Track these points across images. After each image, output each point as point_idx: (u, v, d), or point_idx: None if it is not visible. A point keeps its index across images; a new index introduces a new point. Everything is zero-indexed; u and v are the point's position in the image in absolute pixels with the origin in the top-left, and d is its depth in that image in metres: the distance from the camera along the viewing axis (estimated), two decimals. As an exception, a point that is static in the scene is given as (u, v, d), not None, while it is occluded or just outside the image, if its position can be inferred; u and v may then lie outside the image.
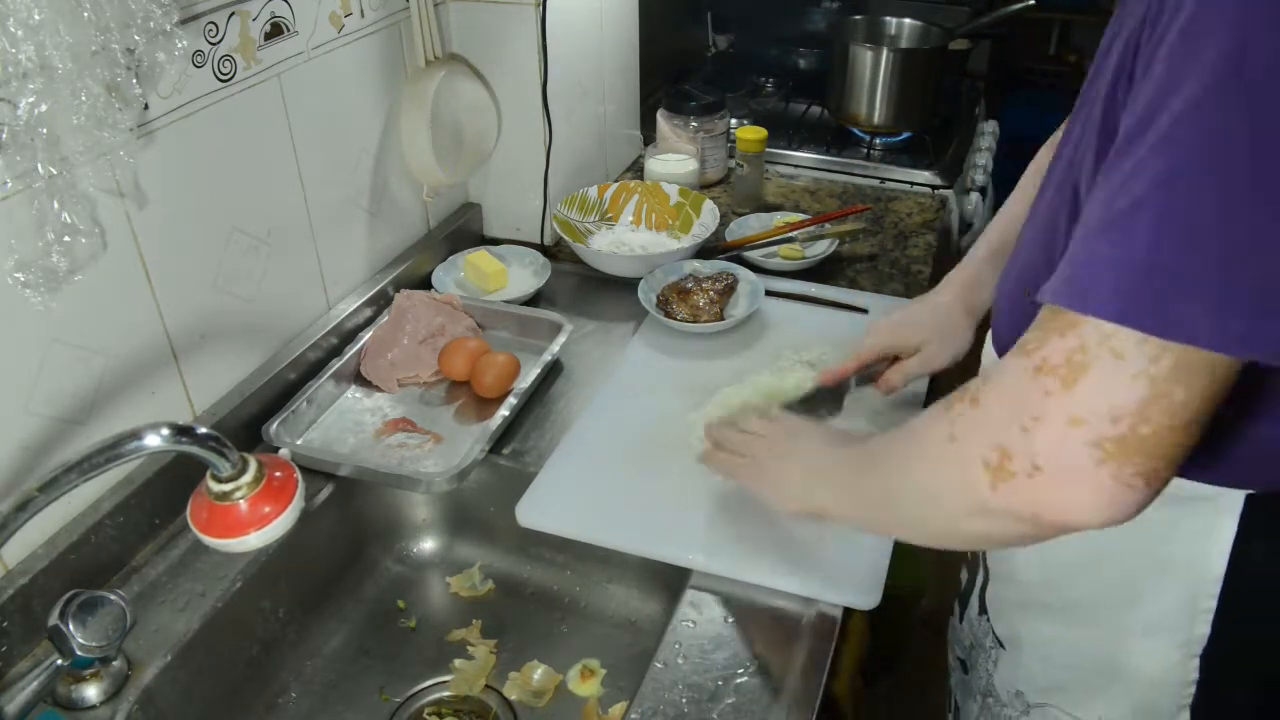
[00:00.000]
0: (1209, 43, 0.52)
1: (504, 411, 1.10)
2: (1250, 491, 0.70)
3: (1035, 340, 0.58)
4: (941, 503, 0.66)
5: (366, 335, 1.23)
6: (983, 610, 0.96)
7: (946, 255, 1.70)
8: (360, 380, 1.21)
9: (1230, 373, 0.54)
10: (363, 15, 1.19)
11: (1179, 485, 0.70)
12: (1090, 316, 0.54)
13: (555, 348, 1.21)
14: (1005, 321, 0.83)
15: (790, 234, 1.48)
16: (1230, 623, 0.75)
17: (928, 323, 1.09)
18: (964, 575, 1.01)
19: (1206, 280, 0.52)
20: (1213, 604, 0.74)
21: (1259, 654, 0.77)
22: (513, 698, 0.99)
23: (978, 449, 0.61)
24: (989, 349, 0.89)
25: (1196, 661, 0.77)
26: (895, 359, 1.11)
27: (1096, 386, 0.54)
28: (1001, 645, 0.93)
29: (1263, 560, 0.72)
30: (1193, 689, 0.78)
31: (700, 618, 0.90)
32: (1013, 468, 0.58)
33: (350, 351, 1.21)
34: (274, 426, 1.09)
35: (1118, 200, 0.54)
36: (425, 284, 1.36)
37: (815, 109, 1.98)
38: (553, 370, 1.23)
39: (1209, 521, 0.72)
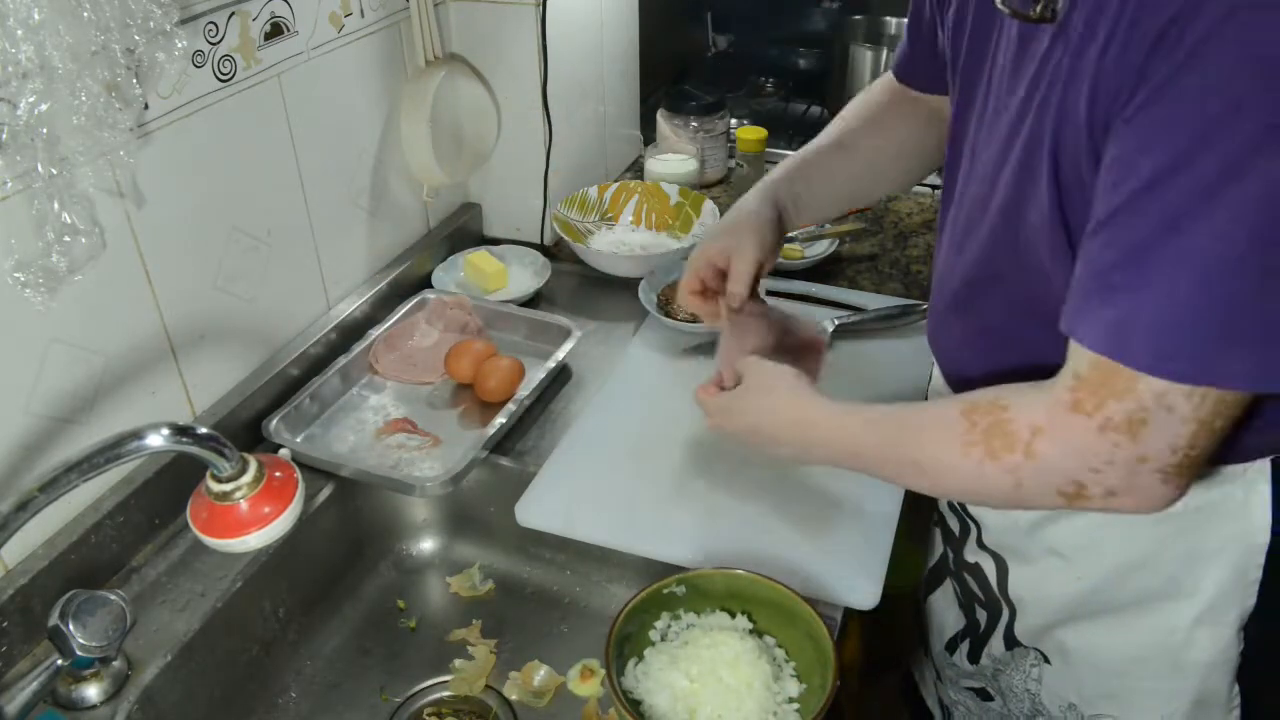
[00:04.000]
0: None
1: (501, 419, 1.10)
2: (1275, 455, 0.75)
3: (1091, 400, 0.65)
4: (981, 498, 0.79)
5: (376, 332, 1.24)
6: (1012, 644, 0.95)
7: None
8: (364, 377, 1.22)
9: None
10: (363, 15, 1.19)
11: (1213, 471, 0.75)
12: (1142, 375, 0.62)
13: (561, 354, 1.21)
14: (958, 339, 0.90)
15: (790, 234, 1.47)
16: (1273, 588, 0.78)
17: (732, 225, 1.03)
18: (976, 616, 1.00)
19: (1247, 327, 0.59)
20: (1259, 574, 0.78)
21: None
22: (513, 698, 0.99)
23: (1051, 487, 0.70)
24: (937, 377, 0.94)
25: (1241, 634, 0.81)
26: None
27: (1156, 434, 0.64)
28: (1047, 660, 0.93)
29: None
30: (1238, 660, 0.82)
31: (700, 618, 0.90)
32: (1089, 494, 0.68)
33: (357, 349, 1.21)
34: (274, 422, 1.09)
35: (1158, 242, 0.60)
36: (425, 284, 1.36)
37: (815, 109, 1.98)
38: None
39: (1245, 495, 0.76)
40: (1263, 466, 0.75)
